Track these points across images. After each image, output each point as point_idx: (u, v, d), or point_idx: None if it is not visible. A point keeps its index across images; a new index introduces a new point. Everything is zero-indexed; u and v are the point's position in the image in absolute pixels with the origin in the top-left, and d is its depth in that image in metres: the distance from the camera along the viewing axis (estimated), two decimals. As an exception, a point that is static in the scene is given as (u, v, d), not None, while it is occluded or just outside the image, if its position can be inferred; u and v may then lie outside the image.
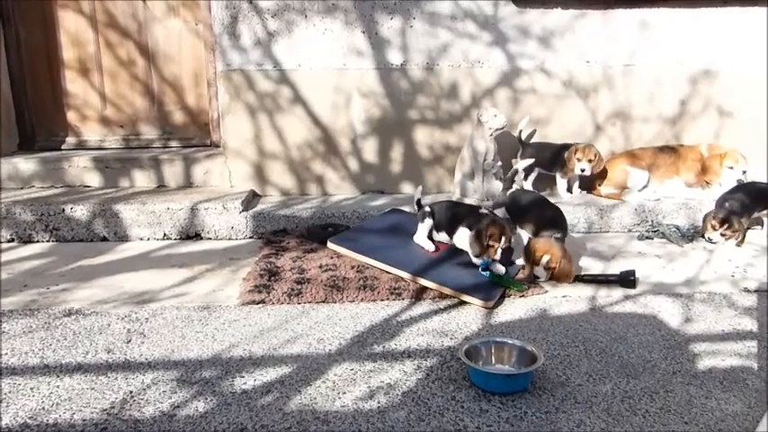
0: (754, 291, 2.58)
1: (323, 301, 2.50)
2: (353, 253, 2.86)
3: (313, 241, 3.25)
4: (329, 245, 2.94)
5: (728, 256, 3.02)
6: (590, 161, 3.54)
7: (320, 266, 2.84)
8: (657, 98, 3.92)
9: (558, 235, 2.72)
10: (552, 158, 3.65)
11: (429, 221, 2.92)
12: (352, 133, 3.89)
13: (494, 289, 2.52)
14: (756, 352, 2.04)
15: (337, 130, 3.88)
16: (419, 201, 3.14)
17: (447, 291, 2.52)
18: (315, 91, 3.80)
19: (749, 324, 2.26)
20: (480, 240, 2.59)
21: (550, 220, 2.79)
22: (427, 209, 2.98)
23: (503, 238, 2.58)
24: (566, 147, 3.63)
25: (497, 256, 2.58)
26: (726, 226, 3.06)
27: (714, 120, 3.96)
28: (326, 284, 2.61)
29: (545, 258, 2.59)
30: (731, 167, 3.49)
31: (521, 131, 3.75)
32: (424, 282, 2.58)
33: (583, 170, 3.53)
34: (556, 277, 2.63)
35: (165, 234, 3.43)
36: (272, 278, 2.70)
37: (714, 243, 3.10)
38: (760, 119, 3.94)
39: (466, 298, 2.48)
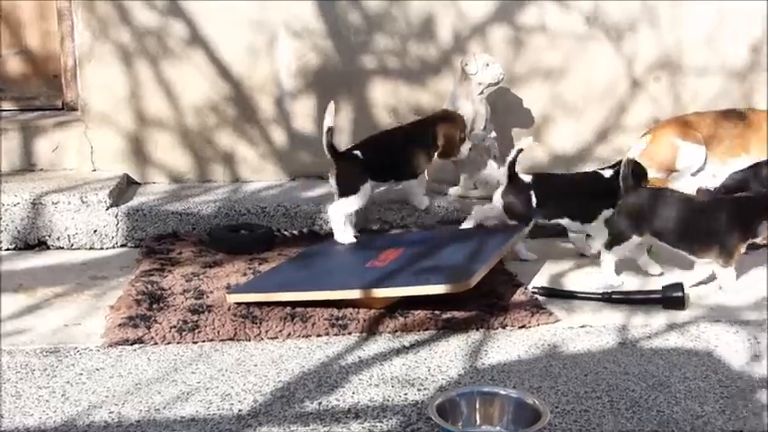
0: None
1: (231, 339, 2.50)
2: (273, 294, 2.75)
3: (218, 250, 3.26)
4: (229, 298, 2.80)
5: (817, 268, 3.14)
6: None
7: (228, 287, 2.84)
8: (719, 41, 4.04)
9: None
10: None
11: None
12: (277, 90, 3.90)
13: (473, 262, 2.63)
14: None
15: (255, 86, 3.89)
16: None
17: (411, 291, 2.59)
18: (221, 27, 3.81)
19: (842, 362, 2.36)
20: None
21: None
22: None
23: None
24: None
25: None
26: None
27: (799, 73, 4.10)
28: (236, 314, 2.62)
29: None
30: (822, 141, 3.62)
31: None
32: (380, 293, 2.61)
33: None
34: None
35: (-8, 242, 3.39)
36: (155, 306, 2.69)
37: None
38: None
39: (434, 289, 2.55)
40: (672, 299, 2.73)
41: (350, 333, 2.55)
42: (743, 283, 2.99)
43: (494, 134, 3.71)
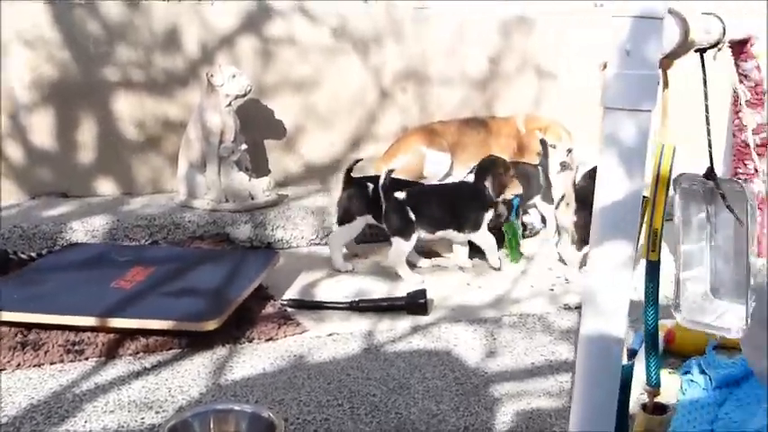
0: (575, 307, 2.93)
1: (-51, 376, 2.33)
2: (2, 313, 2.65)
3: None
4: None
5: (550, 264, 3.40)
6: None
7: (-52, 320, 2.64)
8: (460, 53, 4.28)
9: None
10: None
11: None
12: (11, 104, 3.70)
13: (224, 294, 2.67)
14: (570, 387, 2.31)
15: (-15, 100, 3.66)
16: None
17: (150, 324, 2.53)
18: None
19: (565, 351, 2.56)
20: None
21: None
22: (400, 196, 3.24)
23: None
24: None
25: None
26: None
27: (533, 82, 4.43)
28: (-43, 347, 2.44)
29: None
30: (553, 146, 3.92)
31: None
32: (118, 322, 2.53)
33: None
34: None
35: None
36: None
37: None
38: (589, 80, 4.50)
39: (176, 325, 2.52)
40: (415, 305, 2.84)
41: (87, 358, 2.45)
42: (486, 281, 3.19)
43: (244, 146, 3.70)
